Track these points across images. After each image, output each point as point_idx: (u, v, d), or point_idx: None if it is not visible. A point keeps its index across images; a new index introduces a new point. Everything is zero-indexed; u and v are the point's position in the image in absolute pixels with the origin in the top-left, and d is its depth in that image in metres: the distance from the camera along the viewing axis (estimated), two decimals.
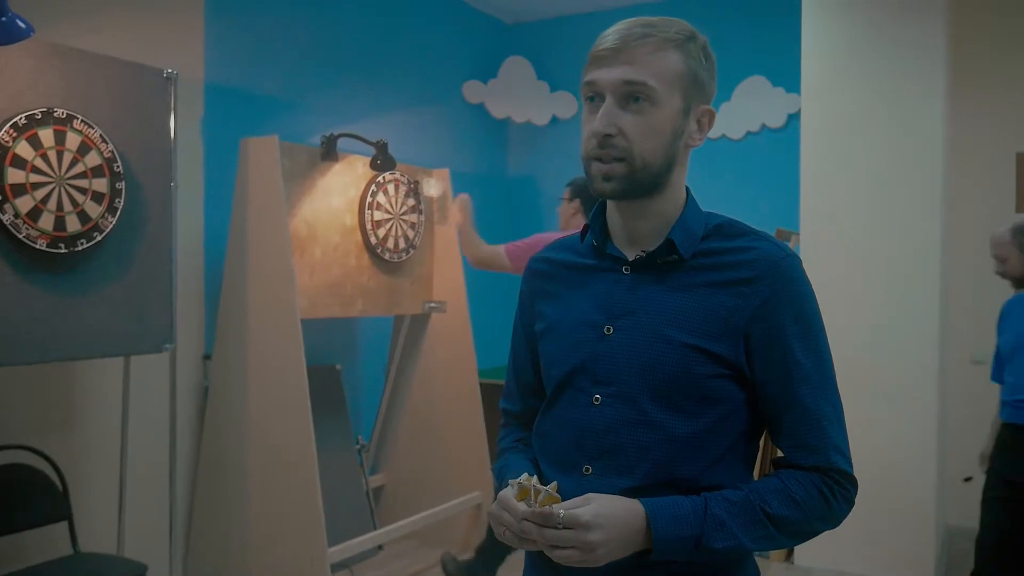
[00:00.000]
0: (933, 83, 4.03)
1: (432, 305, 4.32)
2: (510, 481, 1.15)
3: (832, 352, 1.25)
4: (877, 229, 4.12)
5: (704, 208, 1.28)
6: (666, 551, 1.12)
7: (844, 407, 1.24)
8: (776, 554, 4.30)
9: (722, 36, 5.17)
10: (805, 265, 3.96)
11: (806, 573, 4.16)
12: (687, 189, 1.27)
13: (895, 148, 4.10)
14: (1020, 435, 3.01)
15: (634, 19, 1.19)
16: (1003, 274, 3.08)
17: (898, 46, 4.10)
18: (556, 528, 1.08)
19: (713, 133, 5.10)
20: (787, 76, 4.82)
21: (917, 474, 3.95)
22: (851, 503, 1.21)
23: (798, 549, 4.24)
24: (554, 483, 1.13)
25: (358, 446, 4.33)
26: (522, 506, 1.11)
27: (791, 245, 4.62)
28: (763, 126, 5.11)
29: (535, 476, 1.14)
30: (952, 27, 4.17)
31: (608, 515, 1.09)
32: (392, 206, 4.04)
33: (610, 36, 1.17)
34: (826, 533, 1.23)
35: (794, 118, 4.85)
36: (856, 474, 1.22)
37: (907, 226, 4.06)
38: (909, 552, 3.98)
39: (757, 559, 1.27)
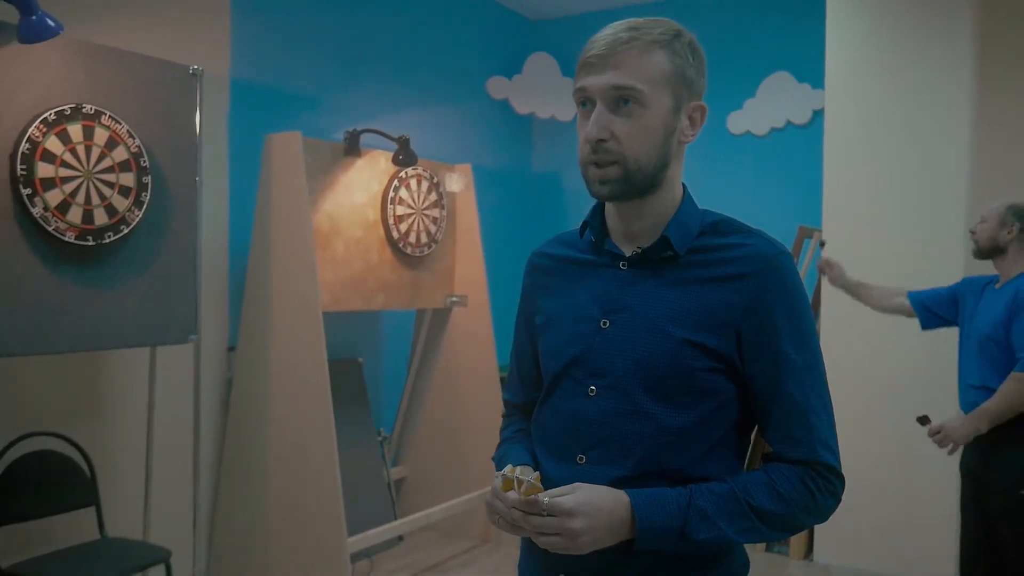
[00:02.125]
0: (959, 80, 3.99)
1: (453, 299, 4.36)
2: (496, 473, 1.19)
3: (852, 348, 1.28)
4: (901, 227, 4.08)
5: (725, 203, 1.30)
6: (649, 541, 1.14)
7: (865, 405, 1.26)
8: (795, 551, 4.29)
9: (747, 32, 5.18)
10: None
11: (825, 570, 4.14)
12: (684, 186, 1.29)
13: (920, 145, 4.06)
14: None
15: (620, 23, 1.21)
16: (975, 240, 2.98)
17: (924, 42, 4.06)
18: (541, 515, 1.12)
19: (737, 129, 5.17)
20: (812, 72, 4.79)
21: (938, 472, 3.91)
22: (837, 497, 1.23)
23: (818, 546, 4.23)
24: (536, 474, 1.16)
25: (380, 438, 4.39)
26: (512, 494, 1.15)
27: (813, 242, 4.59)
28: (788, 122, 5.08)
29: (519, 468, 1.18)
30: (979, 23, 4.12)
31: (592, 504, 1.12)
32: (414, 201, 4.09)
33: (597, 42, 1.20)
34: (847, 531, 1.25)
35: (819, 115, 4.82)
36: (876, 472, 1.24)
37: (931, 224, 4.02)
38: (929, 550, 3.95)
39: (778, 556, 1.30)
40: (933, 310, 3.20)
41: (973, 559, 2.98)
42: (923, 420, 2.92)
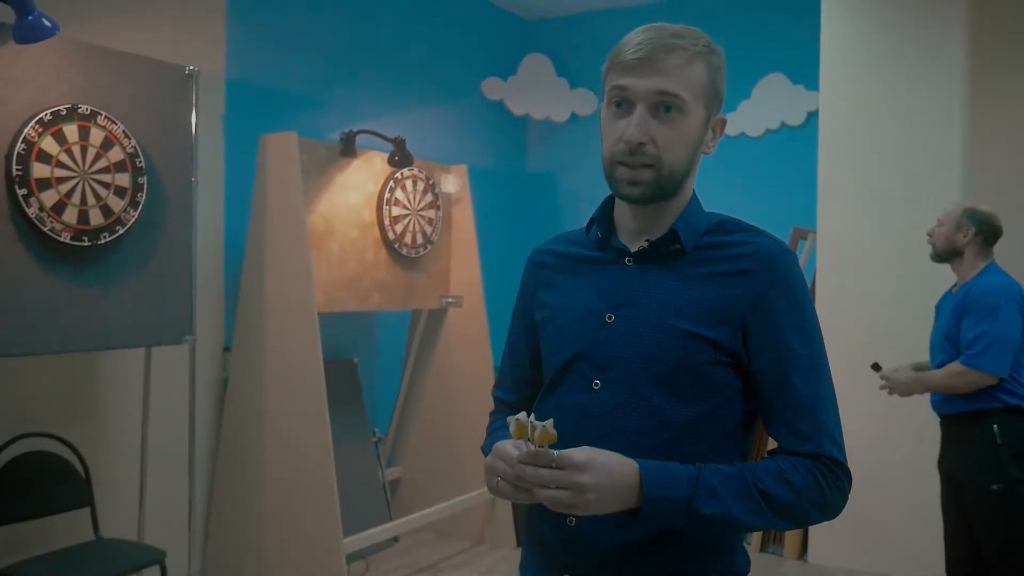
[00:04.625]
0: (952, 82, 4.01)
1: (449, 300, 4.36)
2: (508, 419, 1.15)
3: (847, 350, 1.29)
4: (894, 228, 4.10)
5: (721, 204, 1.33)
6: (655, 510, 1.13)
7: (859, 405, 1.27)
8: (789, 551, 4.30)
9: (742, 34, 5.19)
10: (822, 263, 4.01)
11: (819, 571, 4.16)
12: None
13: (914, 146, 4.08)
14: (945, 427, 2.99)
15: (658, 27, 1.22)
16: (931, 243, 3.07)
17: (917, 45, 4.08)
18: (550, 467, 1.10)
19: (733, 131, 5.18)
20: (807, 74, 4.80)
21: (932, 472, 3.93)
22: (844, 493, 1.23)
23: (813, 546, 4.24)
24: (550, 420, 1.13)
25: (375, 439, 4.39)
26: (516, 453, 1.12)
27: (808, 243, 4.61)
28: (782, 124, 5.10)
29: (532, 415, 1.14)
30: (972, 26, 4.14)
31: (602, 462, 1.11)
32: (410, 202, 4.09)
33: (639, 44, 1.20)
34: (842, 531, 1.25)
35: (813, 116, 4.83)
36: (871, 472, 1.24)
37: (925, 225, 4.02)
38: (923, 550, 3.97)
39: (773, 556, 1.30)
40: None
41: (957, 559, 3.00)
42: (876, 367, 3.05)
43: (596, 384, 1.24)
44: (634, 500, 1.13)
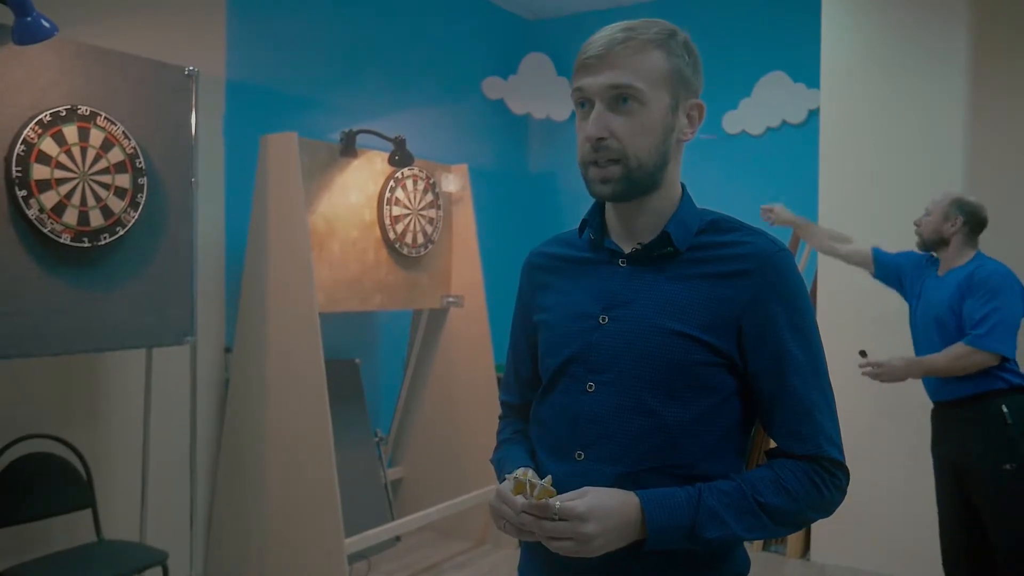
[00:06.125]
0: (953, 80, 4.00)
1: (450, 299, 4.36)
2: (506, 476, 1.18)
3: (848, 349, 1.28)
4: (896, 226, 4.08)
5: (721, 203, 1.31)
6: (660, 540, 1.14)
7: (861, 404, 1.26)
8: (792, 550, 4.30)
9: (743, 32, 5.19)
10: (823, 261, 4.01)
11: (821, 570, 4.15)
12: (683, 186, 1.30)
13: (915, 144, 4.07)
14: (942, 413, 3.00)
15: (615, 24, 1.22)
16: (919, 233, 3.10)
17: (919, 42, 4.07)
18: (553, 520, 1.11)
19: (733, 129, 5.18)
20: (807, 72, 4.80)
21: (932, 470, 3.93)
22: (843, 492, 1.24)
23: (815, 545, 4.24)
24: (548, 477, 1.15)
25: (376, 439, 4.39)
26: (520, 499, 1.14)
27: (807, 248, 4.59)
28: (783, 122, 5.09)
29: (531, 470, 1.16)
30: (974, 23, 4.13)
31: (603, 507, 1.12)
32: (410, 201, 4.09)
33: (593, 44, 1.21)
34: (844, 530, 1.25)
35: (814, 114, 4.83)
36: (874, 471, 1.24)
37: None
38: (924, 549, 3.96)
39: (775, 556, 1.30)
40: (886, 272, 3.35)
41: (955, 549, 2.99)
42: (862, 354, 3.06)
43: (591, 387, 1.24)
44: (638, 533, 1.14)
